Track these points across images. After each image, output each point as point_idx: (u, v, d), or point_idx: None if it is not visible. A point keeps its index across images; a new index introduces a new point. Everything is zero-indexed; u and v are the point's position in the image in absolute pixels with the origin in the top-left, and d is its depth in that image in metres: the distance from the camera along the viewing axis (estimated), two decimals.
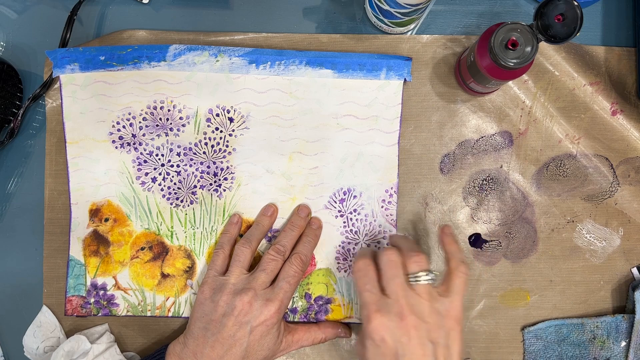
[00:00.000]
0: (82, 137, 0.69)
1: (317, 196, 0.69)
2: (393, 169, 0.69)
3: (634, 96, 0.70)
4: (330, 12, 0.71)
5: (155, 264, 0.69)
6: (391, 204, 0.69)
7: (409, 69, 0.68)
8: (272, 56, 0.68)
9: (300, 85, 0.68)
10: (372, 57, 0.68)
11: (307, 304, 0.69)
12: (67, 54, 0.67)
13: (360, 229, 0.69)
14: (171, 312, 0.69)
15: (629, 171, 0.70)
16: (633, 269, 0.70)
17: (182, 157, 0.69)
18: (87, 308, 0.69)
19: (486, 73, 0.60)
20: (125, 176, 0.69)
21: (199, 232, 0.69)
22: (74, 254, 0.69)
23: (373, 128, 0.69)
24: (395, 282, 0.57)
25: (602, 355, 0.68)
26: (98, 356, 0.65)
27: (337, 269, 0.69)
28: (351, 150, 0.69)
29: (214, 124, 0.69)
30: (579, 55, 0.70)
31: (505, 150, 0.70)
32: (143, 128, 0.69)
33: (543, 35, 0.56)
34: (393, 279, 0.57)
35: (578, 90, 0.70)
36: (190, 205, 0.69)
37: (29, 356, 0.69)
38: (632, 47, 0.71)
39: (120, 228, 0.69)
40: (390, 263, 0.58)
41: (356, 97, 0.69)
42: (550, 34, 0.55)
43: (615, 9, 0.72)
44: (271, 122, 0.69)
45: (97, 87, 0.68)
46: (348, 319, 0.69)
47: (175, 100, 0.68)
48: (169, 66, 0.68)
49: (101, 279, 0.69)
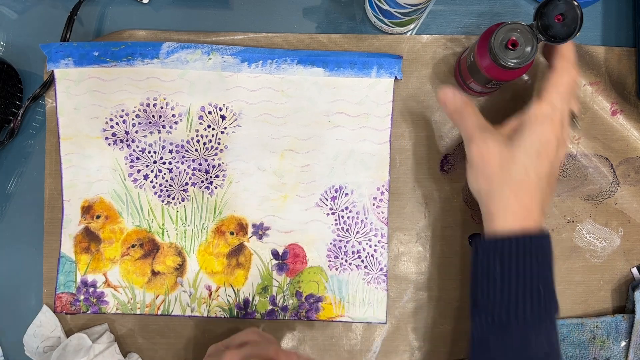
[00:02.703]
0: (76, 133, 0.69)
1: (309, 194, 0.69)
2: (384, 166, 0.69)
3: (634, 96, 0.69)
4: (330, 12, 0.71)
5: (146, 261, 0.69)
6: (382, 202, 0.69)
7: (400, 67, 0.68)
8: (264, 55, 0.68)
9: (291, 84, 0.69)
10: (363, 55, 0.68)
11: (298, 302, 0.68)
12: (61, 49, 0.68)
13: (351, 227, 0.68)
14: (160, 310, 0.69)
15: (629, 171, 0.69)
16: (633, 269, 0.69)
17: (174, 155, 0.69)
18: (76, 305, 0.69)
19: (486, 73, 0.60)
20: (118, 173, 0.69)
21: (190, 229, 0.69)
22: (65, 251, 0.69)
23: (364, 126, 0.68)
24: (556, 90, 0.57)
25: (602, 355, 0.67)
26: (98, 355, 0.65)
27: (329, 267, 0.68)
28: (343, 148, 0.69)
29: (206, 122, 0.69)
30: (579, 55, 0.69)
31: None
32: (136, 125, 0.69)
33: (543, 35, 0.55)
34: (553, 86, 0.57)
35: (578, 90, 0.69)
36: (182, 203, 0.69)
37: (30, 355, 0.69)
38: (632, 47, 0.70)
39: (111, 225, 0.69)
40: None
41: (347, 95, 0.69)
42: (550, 34, 0.55)
43: (615, 9, 0.71)
44: (263, 120, 0.69)
45: (91, 83, 0.69)
46: (339, 317, 0.68)
47: (168, 98, 0.69)
48: (162, 64, 0.68)
49: (91, 276, 0.69)
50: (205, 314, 0.68)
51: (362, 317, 0.68)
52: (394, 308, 0.69)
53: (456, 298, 0.69)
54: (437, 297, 0.69)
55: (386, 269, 0.68)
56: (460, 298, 0.69)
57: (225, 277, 0.69)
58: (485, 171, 0.57)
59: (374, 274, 0.68)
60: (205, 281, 0.69)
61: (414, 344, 0.69)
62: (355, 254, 0.68)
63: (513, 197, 0.55)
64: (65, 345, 0.65)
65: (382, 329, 0.69)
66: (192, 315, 0.69)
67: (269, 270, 0.69)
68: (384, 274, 0.68)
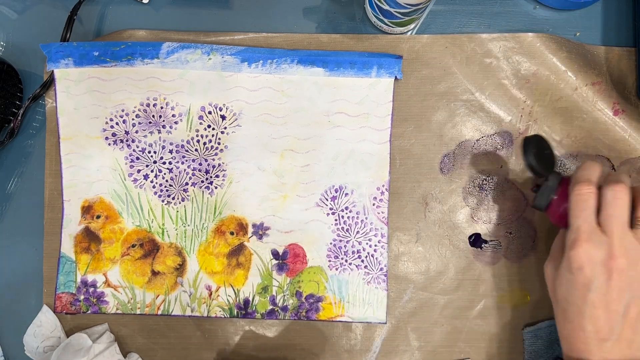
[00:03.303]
0: (76, 133, 0.69)
1: (309, 194, 0.69)
2: (385, 166, 0.69)
3: (634, 96, 0.69)
4: (330, 12, 0.71)
5: (146, 261, 0.69)
6: (382, 202, 0.68)
7: (400, 67, 0.68)
8: (264, 55, 0.68)
9: (292, 84, 0.69)
10: (363, 55, 0.68)
11: (298, 302, 0.68)
12: (61, 49, 0.68)
13: (351, 227, 0.68)
14: (160, 310, 0.69)
15: (630, 172, 0.69)
16: None
17: (174, 155, 0.69)
18: (76, 305, 0.69)
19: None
20: (118, 173, 0.69)
21: (190, 229, 0.69)
22: (65, 250, 0.69)
23: (364, 126, 0.68)
24: (617, 221, 0.54)
25: None
26: (98, 355, 0.65)
27: (329, 267, 0.68)
28: (343, 147, 0.69)
29: (206, 122, 0.69)
30: (580, 54, 0.69)
31: (505, 150, 0.69)
32: (136, 125, 0.69)
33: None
34: (614, 217, 0.54)
35: (580, 90, 0.69)
36: (182, 203, 0.69)
37: (30, 355, 0.69)
38: (632, 47, 0.70)
39: (111, 225, 0.69)
40: (616, 201, 0.54)
41: (347, 95, 0.69)
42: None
43: (615, 9, 0.71)
44: (263, 120, 0.69)
45: (91, 83, 0.69)
46: (339, 317, 0.68)
47: (168, 98, 0.69)
48: (162, 63, 0.68)
49: (91, 276, 0.69)
50: (205, 314, 0.68)
51: (362, 317, 0.68)
52: (394, 308, 0.69)
53: (456, 298, 0.69)
54: (437, 297, 0.69)
55: (386, 269, 0.68)
56: (460, 298, 0.69)
57: (225, 277, 0.69)
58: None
59: (374, 274, 0.68)
60: (205, 281, 0.69)
61: (414, 344, 0.69)
62: (355, 254, 0.68)
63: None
64: (65, 345, 0.65)
65: (382, 329, 0.69)
66: (192, 315, 0.69)
67: (269, 270, 0.69)
68: (384, 274, 0.68)
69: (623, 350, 0.53)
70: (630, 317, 0.53)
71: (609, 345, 0.53)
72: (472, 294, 0.69)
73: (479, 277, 0.69)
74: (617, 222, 0.53)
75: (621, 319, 0.53)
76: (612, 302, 0.52)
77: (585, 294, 0.53)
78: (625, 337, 0.53)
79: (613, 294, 0.52)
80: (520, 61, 0.69)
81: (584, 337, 0.54)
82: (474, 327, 0.69)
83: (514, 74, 0.69)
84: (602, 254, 0.53)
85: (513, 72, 0.69)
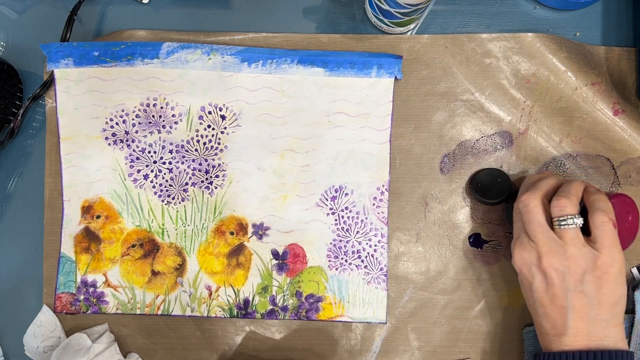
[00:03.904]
0: (76, 133, 0.69)
1: (309, 194, 0.69)
2: (384, 166, 0.69)
3: (634, 96, 0.69)
4: (330, 12, 0.71)
5: (146, 261, 0.69)
6: (382, 202, 0.68)
7: (400, 67, 0.68)
8: (264, 55, 0.68)
9: (291, 84, 0.69)
10: (363, 55, 0.68)
11: (298, 302, 0.68)
12: (61, 49, 0.68)
13: (351, 227, 0.68)
14: (160, 310, 0.69)
15: (630, 172, 0.69)
16: (633, 269, 0.68)
17: (174, 155, 0.69)
18: (76, 305, 0.69)
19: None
20: (118, 173, 0.69)
21: (190, 229, 0.69)
22: (65, 250, 0.69)
23: (364, 126, 0.68)
24: (534, 226, 0.58)
25: None
26: (98, 355, 0.65)
27: (329, 267, 0.68)
28: (343, 147, 0.69)
29: (206, 122, 0.69)
30: (580, 54, 0.69)
31: (505, 150, 0.69)
32: (136, 125, 0.69)
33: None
34: (530, 224, 0.58)
35: (580, 90, 0.69)
36: (182, 203, 0.69)
37: (30, 355, 0.69)
38: (632, 47, 0.70)
39: (111, 225, 0.69)
40: (525, 209, 0.59)
41: (347, 95, 0.69)
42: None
43: (615, 9, 0.71)
44: (263, 120, 0.69)
45: (91, 83, 0.69)
46: (339, 317, 0.68)
47: (168, 98, 0.69)
48: (162, 63, 0.68)
49: (91, 276, 0.69)
50: (205, 314, 0.68)
51: (362, 317, 0.68)
52: (394, 308, 0.69)
53: (456, 298, 0.69)
54: (437, 297, 0.69)
55: (386, 269, 0.68)
56: (460, 298, 0.69)
57: (225, 277, 0.69)
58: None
59: (374, 273, 0.68)
60: (205, 281, 0.69)
61: (414, 344, 0.69)
62: (355, 254, 0.68)
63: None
64: (65, 345, 0.65)
65: (382, 329, 0.69)
66: (192, 315, 0.69)
67: (269, 270, 0.69)
68: (384, 274, 0.68)
69: (581, 343, 0.56)
70: (578, 310, 0.56)
71: (568, 339, 0.56)
72: (472, 294, 0.69)
73: (479, 277, 0.69)
74: (535, 227, 0.58)
75: (570, 313, 0.56)
76: (556, 299, 0.57)
77: (531, 294, 0.59)
78: (581, 330, 0.56)
79: (553, 290, 0.57)
80: (520, 61, 0.69)
81: (545, 334, 0.58)
82: (473, 327, 0.69)
83: (514, 74, 0.69)
84: (533, 256, 0.58)
85: (513, 72, 0.69)
